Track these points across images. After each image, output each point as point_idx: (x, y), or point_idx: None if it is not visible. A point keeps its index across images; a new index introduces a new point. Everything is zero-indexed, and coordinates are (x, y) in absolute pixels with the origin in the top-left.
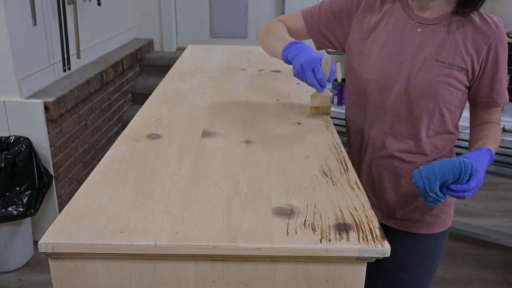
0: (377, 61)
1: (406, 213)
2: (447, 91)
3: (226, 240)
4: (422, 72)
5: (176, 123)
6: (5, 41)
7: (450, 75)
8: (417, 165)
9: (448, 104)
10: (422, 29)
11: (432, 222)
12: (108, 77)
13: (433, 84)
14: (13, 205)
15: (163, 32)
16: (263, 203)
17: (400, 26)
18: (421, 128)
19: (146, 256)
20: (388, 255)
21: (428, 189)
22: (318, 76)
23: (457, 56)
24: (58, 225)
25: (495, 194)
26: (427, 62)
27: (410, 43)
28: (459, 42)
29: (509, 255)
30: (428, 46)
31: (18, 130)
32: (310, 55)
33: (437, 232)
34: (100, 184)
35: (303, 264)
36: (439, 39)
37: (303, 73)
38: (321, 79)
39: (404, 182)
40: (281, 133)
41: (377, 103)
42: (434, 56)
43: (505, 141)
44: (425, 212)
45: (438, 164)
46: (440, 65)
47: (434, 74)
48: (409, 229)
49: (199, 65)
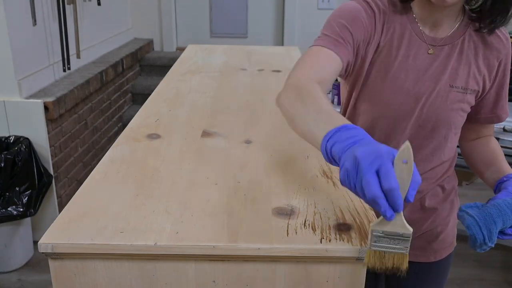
0: (383, 92)
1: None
2: (460, 117)
3: (226, 240)
4: (438, 101)
5: (176, 123)
6: (5, 41)
7: (463, 101)
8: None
9: (457, 129)
10: (434, 52)
11: (440, 249)
12: (108, 77)
13: (448, 112)
14: (13, 205)
15: (163, 32)
16: (263, 203)
17: (412, 50)
18: (430, 159)
19: (146, 256)
20: None
21: (488, 240)
22: (388, 185)
23: (470, 79)
24: (58, 225)
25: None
26: (442, 89)
27: (423, 69)
28: (471, 62)
29: (509, 255)
30: (442, 71)
31: (18, 130)
32: (373, 146)
33: (445, 256)
34: (100, 184)
35: (303, 264)
36: (452, 62)
37: (356, 178)
38: (392, 189)
39: (407, 212)
40: (281, 133)
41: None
42: (448, 81)
43: (505, 141)
44: (431, 239)
45: (495, 209)
46: (455, 91)
47: (449, 102)
48: (415, 259)
49: (199, 65)
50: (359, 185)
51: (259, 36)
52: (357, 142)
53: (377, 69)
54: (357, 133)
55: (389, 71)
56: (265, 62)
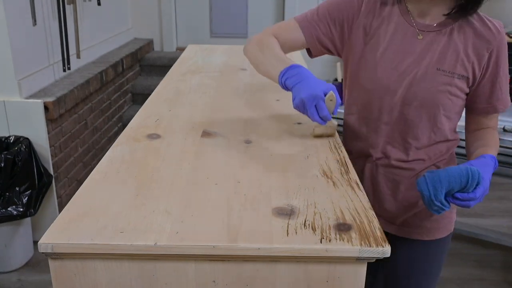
0: (376, 71)
1: (406, 220)
2: (448, 100)
3: (226, 240)
4: (423, 81)
5: (176, 123)
6: (5, 41)
7: (451, 84)
8: (415, 171)
9: (448, 112)
10: (423, 37)
11: (432, 228)
12: (108, 77)
13: (434, 93)
14: (13, 205)
15: (163, 32)
16: (263, 203)
17: (400, 33)
18: (421, 138)
19: (146, 256)
20: (388, 255)
21: (433, 197)
22: (322, 113)
23: (458, 64)
24: (58, 225)
25: (495, 194)
26: (428, 71)
27: (410, 51)
28: (460, 49)
29: (509, 255)
30: (429, 54)
31: (18, 130)
32: (312, 90)
33: (438, 238)
34: (100, 184)
35: (303, 264)
36: (440, 47)
37: (305, 109)
38: (325, 116)
39: (403, 188)
40: (281, 133)
41: (376, 113)
42: (435, 65)
43: (505, 141)
44: (425, 218)
45: (444, 172)
46: (441, 73)
47: (435, 83)
48: (410, 236)
49: (199, 65)
50: (305, 113)
51: None
52: (301, 80)
53: (369, 49)
54: (301, 72)
55: (378, 51)
56: None
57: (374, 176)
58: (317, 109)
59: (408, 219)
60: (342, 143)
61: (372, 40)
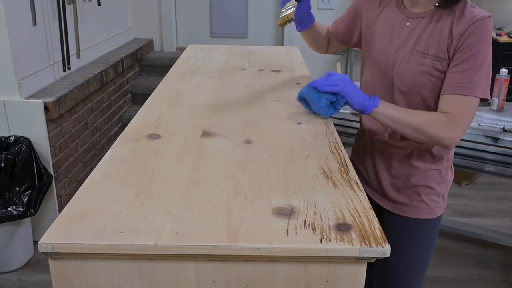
0: (373, 54)
1: (398, 197)
2: (428, 81)
3: (226, 240)
4: (404, 62)
5: (176, 123)
6: (5, 41)
7: (427, 64)
8: (407, 149)
9: (432, 93)
10: (410, 23)
11: (419, 208)
12: (108, 77)
13: (414, 74)
14: (13, 205)
15: (163, 32)
16: (263, 203)
17: (391, 20)
18: None
19: (146, 256)
20: (388, 255)
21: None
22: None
23: (434, 46)
24: (58, 225)
25: (495, 194)
26: (408, 53)
27: (397, 35)
28: (436, 32)
29: (509, 255)
30: (411, 38)
31: (18, 130)
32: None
33: (425, 218)
34: (100, 184)
35: (303, 264)
36: (419, 31)
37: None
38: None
39: (395, 165)
40: (281, 133)
41: (377, 93)
42: (414, 47)
43: (505, 141)
44: (413, 197)
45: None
46: (419, 55)
47: (414, 64)
48: (400, 212)
49: (199, 65)
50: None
51: (259, 36)
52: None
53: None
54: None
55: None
56: (265, 62)
57: (375, 151)
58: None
59: (399, 196)
60: (342, 143)
61: (373, 27)
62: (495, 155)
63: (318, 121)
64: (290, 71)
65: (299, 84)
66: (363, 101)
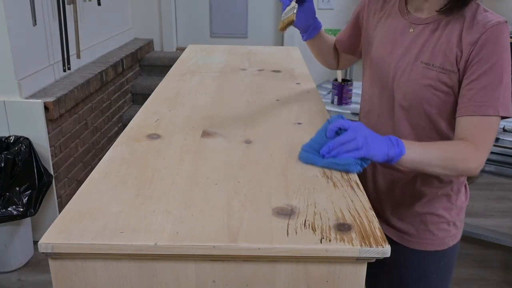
0: (372, 63)
1: (402, 226)
2: (432, 95)
3: (226, 240)
4: (406, 74)
5: (176, 123)
6: (5, 41)
7: (432, 77)
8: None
9: (438, 110)
10: (414, 30)
11: (426, 239)
12: (108, 77)
13: (417, 87)
14: (13, 205)
15: (163, 32)
16: (263, 203)
17: (393, 26)
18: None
19: (146, 256)
20: (388, 255)
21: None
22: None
23: (440, 57)
24: (58, 225)
25: (495, 194)
26: (410, 63)
27: (399, 43)
28: (443, 41)
29: (509, 255)
30: (415, 46)
31: (18, 130)
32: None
33: (433, 250)
34: (100, 184)
35: (303, 264)
36: (423, 40)
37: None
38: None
39: (398, 191)
40: (281, 133)
41: (376, 108)
42: (418, 57)
43: (505, 141)
44: (419, 227)
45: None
46: (423, 66)
47: (417, 76)
48: (405, 243)
49: (199, 65)
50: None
51: (259, 36)
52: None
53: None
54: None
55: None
56: (265, 62)
57: (376, 174)
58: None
59: (403, 225)
60: None
61: (374, 33)
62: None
63: (318, 121)
64: (290, 71)
65: (299, 84)
66: (388, 152)
